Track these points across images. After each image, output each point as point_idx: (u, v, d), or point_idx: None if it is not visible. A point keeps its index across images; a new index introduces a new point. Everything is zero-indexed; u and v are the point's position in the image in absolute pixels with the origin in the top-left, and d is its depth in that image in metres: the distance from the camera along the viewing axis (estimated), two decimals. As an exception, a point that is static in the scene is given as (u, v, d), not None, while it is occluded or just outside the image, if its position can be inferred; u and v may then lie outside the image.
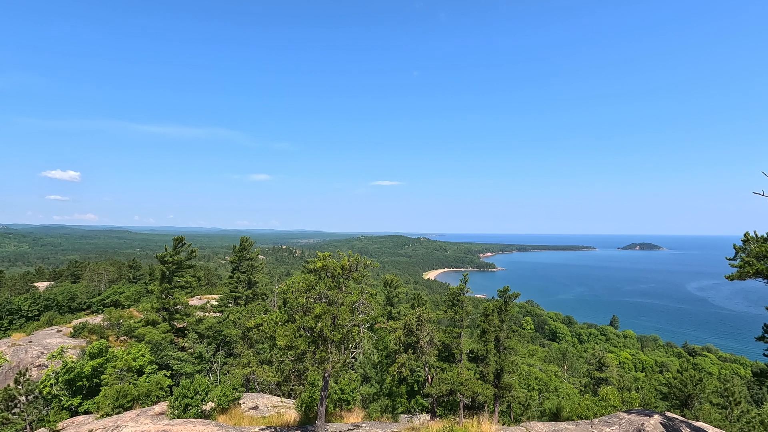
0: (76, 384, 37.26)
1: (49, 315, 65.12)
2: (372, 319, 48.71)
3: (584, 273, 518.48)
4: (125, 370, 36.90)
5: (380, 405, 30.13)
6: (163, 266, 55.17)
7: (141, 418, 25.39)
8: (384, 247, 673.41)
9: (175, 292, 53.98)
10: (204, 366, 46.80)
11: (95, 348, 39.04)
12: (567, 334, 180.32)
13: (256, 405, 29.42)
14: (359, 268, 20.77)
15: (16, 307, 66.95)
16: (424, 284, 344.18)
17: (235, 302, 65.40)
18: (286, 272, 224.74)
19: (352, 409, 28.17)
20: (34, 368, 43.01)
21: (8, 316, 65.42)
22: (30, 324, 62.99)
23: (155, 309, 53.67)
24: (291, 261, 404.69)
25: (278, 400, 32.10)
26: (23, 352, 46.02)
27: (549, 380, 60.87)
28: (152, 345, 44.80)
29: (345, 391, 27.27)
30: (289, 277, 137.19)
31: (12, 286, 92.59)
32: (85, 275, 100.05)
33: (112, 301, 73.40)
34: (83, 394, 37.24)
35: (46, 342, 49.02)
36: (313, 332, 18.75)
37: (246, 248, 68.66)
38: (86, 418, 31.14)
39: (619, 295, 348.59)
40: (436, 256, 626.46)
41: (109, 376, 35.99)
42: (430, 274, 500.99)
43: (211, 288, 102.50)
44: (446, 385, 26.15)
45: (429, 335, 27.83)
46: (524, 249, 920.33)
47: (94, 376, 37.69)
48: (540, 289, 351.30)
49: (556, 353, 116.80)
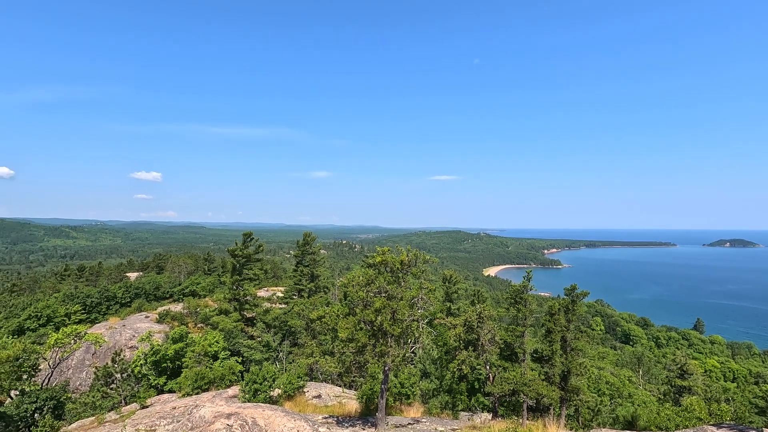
0: (161, 365, 41.03)
1: (138, 302, 72.40)
2: (431, 314, 48.41)
3: (661, 271, 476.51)
4: (202, 355, 39.99)
5: (440, 401, 29.99)
6: (233, 259, 58.97)
7: (216, 400, 27.42)
8: (442, 242, 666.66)
9: (244, 283, 57.48)
10: (271, 354, 49.42)
11: (177, 333, 42.70)
12: (642, 337, 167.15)
13: (319, 394, 30.54)
14: (418, 263, 20.72)
15: (112, 295, 75.16)
16: (484, 281, 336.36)
17: (299, 294, 68.28)
18: (346, 266, 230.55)
19: (412, 404, 28.30)
20: (127, 349, 48.05)
21: (106, 302, 73.59)
22: (123, 310, 70.42)
23: (227, 299, 57.56)
24: (351, 255, 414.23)
25: (340, 391, 33.08)
26: (118, 334, 51.59)
27: (622, 385, 56.87)
28: (225, 332, 48.13)
29: (405, 385, 27.44)
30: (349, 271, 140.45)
31: (108, 276, 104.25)
32: (168, 267, 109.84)
33: (191, 291, 79.85)
34: (167, 375, 40.93)
35: (137, 326, 54.54)
36: (373, 326, 19.04)
37: (308, 243, 71.27)
38: (170, 396, 34.24)
39: (703, 296, 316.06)
40: (496, 252, 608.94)
41: (188, 359, 39.24)
42: (491, 270, 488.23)
43: (277, 280, 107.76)
44: (508, 385, 25.39)
45: (490, 333, 27.16)
46: (593, 245, 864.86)
47: (176, 359, 41.26)
48: (610, 288, 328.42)
49: (629, 357, 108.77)
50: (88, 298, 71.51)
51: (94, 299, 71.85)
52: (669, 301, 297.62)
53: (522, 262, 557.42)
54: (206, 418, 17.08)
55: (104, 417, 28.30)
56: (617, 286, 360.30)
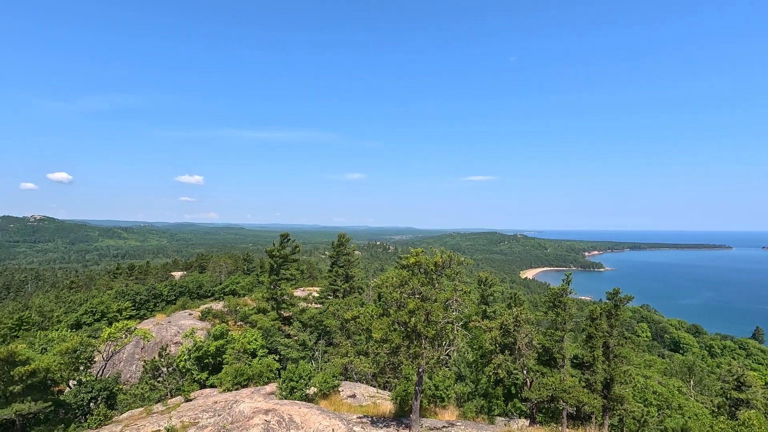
0: (204, 361, 42.79)
1: (182, 300, 75.91)
2: (466, 317, 47.82)
3: (714, 275, 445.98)
4: (242, 352, 41.36)
5: (475, 405, 29.48)
6: (271, 260, 60.61)
7: (255, 396, 28.27)
8: (477, 244, 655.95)
9: (281, 283, 58.95)
10: (307, 353, 50.38)
11: (218, 331, 44.40)
12: (693, 345, 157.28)
13: (353, 393, 30.82)
14: (452, 264, 20.52)
15: (158, 292, 79.17)
16: (521, 283, 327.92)
17: (334, 295, 69.23)
18: (380, 267, 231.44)
19: (447, 407, 28.01)
20: (172, 345, 50.41)
21: (153, 300, 77.62)
22: (169, 307, 74.01)
23: (265, 298, 59.22)
24: (385, 257, 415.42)
25: (374, 391, 33.24)
26: (164, 330, 54.24)
27: (671, 396, 53.77)
28: (263, 331, 49.53)
29: (439, 387, 27.21)
30: (383, 272, 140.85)
31: (155, 275, 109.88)
32: (209, 266, 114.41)
33: (231, 290, 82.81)
34: (209, 370, 42.63)
35: (181, 323, 57.14)
36: (407, 327, 19.02)
37: (343, 244, 72.16)
38: (212, 391, 35.64)
39: (763, 303, 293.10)
40: (534, 254, 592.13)
41: (229, 356, 40.71)
42: (528, 273, 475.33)
43: (313, 281, 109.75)
44: (547, 391, 24.64)
45: (527, 337, 26.46)
46: (638, 247, 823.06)
47: (217, 355, 42.91)
48: (657, 293, 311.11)
49: (679, 366, 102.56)
50: (137, 296, 75.69)
51: (142, 297, 75.98)
52: (723, 308, 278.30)
53: (561, 264, 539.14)
54: (245, 413, 17.63)
55: (152, 408, 29.83)
56: (665, 290, 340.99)
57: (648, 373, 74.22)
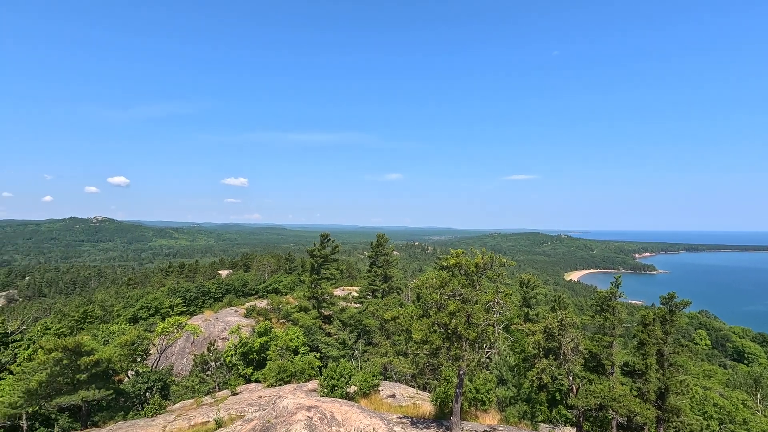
0: (249, 356, 44.41)
1: (228, 298, 79.15)
2: (507, 319, 46.71)
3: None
4: (284, 349, 42.58)
5: (518, 410, 28.73)
6: (312, 259, 61.97)
7: (297, 392, 29.01)
8: (519, 244, 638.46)
9: (322, 282, 60.13)
10: (347, 352, 51.07)
11: (262, 328, 45.93)
12: (760, 355, 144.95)
13: (393, 393, 30.92)
14: (494, 266, 20.12)
15: (206, 290, 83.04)
16: (565, 286, 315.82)
17: (372, 294, 69.74)
18: (419, 268, 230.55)
19: (488, 410, 27.48)
20: (219, 340, 52.71)
21: (202, 297, 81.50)
22: (216, 304, 77.43)
23: (306, 297, 60.63)
24: (423, 257, 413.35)
25: (414, 392, 33.18)
26: (212, 326, 56.81)
27: (734, 410, 49.88)
28: (305, 329, 50.72)
29: (480, 391, 26.75)
30: (422, 273, 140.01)
31: (204, 273, 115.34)
32: (253, 265, 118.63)
33: (273, 289, 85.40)
34: (254, 366, 44.20)
35: (227, 319, 59.62)
36: (448, 329, 18.85)
37: (382, 244, 72.53)
38: (256, 386, 36.93)
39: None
40: (579, 256, 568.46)
41: (272, 352, 42.03)
42: (573, 275, 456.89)
43: (352, 280, 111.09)
44: (595, 399, 23.60)
45: (573, 341, 25.45)
46: (695, 249, 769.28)
47: (261, 351, 44.41)
48: (718, 298, 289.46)
49: (744, 377, 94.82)
50: (188, 293, 79.74)
51: (192, 294, 79.96)
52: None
53: (609, 266, 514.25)
54: (288, 408, 18.15)
55: (202, 400, 31.34)
56: (726, 295, 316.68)
57: (708, 384, 69.24)
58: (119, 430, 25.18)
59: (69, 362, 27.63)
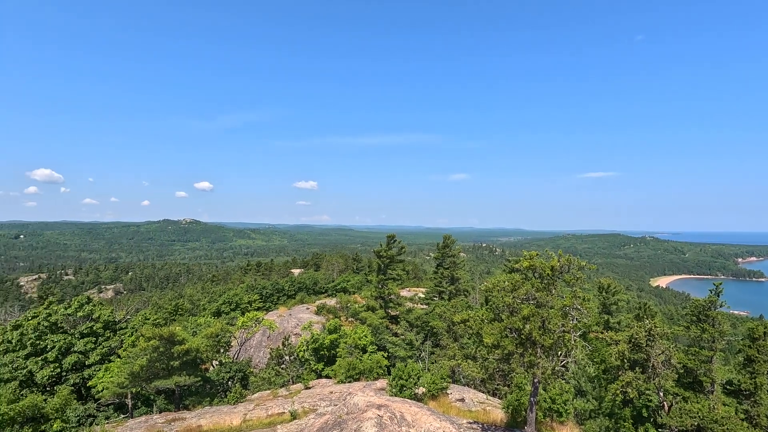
0: (320, 352, 46.10)
1: (301, 295, 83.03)
2: (585, 326, 43.71)
3: None
4: (353, 347, 43.61)
5: (599, 425, 26.74)
6: (379, 260, 62.87)
7: (367, 390, 29.55)
8: (596, 247, 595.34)
9: (388, 283, 60.75)
10: (414, 353, 51.01)
11: (332, 325, 47.47)
12: None
13: (462, 398, 30.29)
14: (571, 269, 18.92)
15: (281, 287, 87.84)
16: (650, 292, 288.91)
17: (439, 296, 69.04)
18: (486, 270, 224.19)
19: (565, 423, 25.87)
20: (293, 335, 55.36)
21: (276, 294, 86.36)
22: (289, 301, 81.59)
23: (373, 297, 61.62)
24: (491, 259, 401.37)
25: (484, 397, 32.24)
26: (286, 322, 59.86)
27: None
28: (372, 328, 51.56)
29: (556, 401, 25.26)
30: (489, 275, 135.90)
31: (278, 271, 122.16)
32: (323, 265, 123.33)
33: (342, 288, 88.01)
34: (324, 361, 45.81)
35: (300, 316, 62.48)
36: (521, 334, 18.06)
37: (448, 245, 71.57)
38: (327, 381, 38.22)
39: None
40: (668, 260, 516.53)
41: (341, 349, 43.25)
42: (660, 280, 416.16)
43: (418, 281, 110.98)
44: (691, 419, 21.24)
45: (664, 354, 23.11)
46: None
47: (331, 348, 45.88)
48: None
49: None
50: (264, 290, 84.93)
51: (268, 291, 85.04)
52: None
53: (704, 272, 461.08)
54: (359, 405, 18.53)
55: (278, 392, 33.13)
56: None
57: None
58: (206, 414, 27.41)
59: (164, 350, 30.65)
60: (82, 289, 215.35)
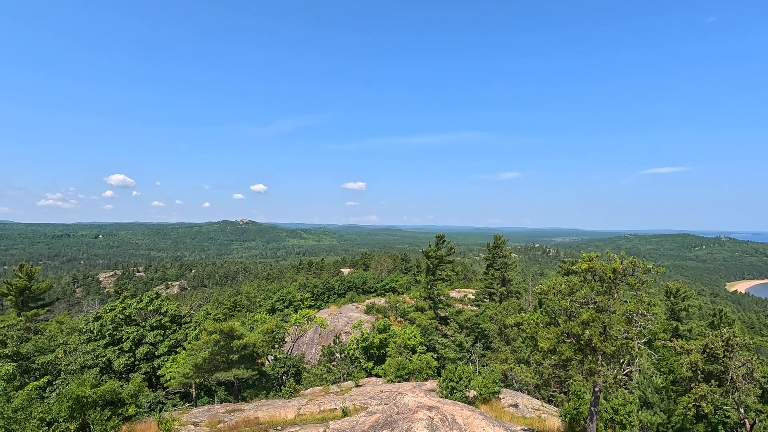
0: (369, 351, 46.57)
1: (350, 294, 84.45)
2: (651, 333, 40.77)
3: None
4: (403, 347, 43.64)
5: (668, 440, 24.82)
6: (427, 260, 62.49)
7: (416, 391, 29.44)
8: (662, 248, 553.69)
9: (438, 283, 60.21)
10: (464, 355, 50.19)
11: (381, 324, 47.80)
12: None
13: (515, 403, 29.34)
14: (636, 272, 17.69)
15: (331, 286, 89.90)
16: (727, 297, 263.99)
17: (490, 298, 67.44)
18: (540, 272, 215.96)
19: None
20: (343, 333, 56.36)
21: (327, 292, 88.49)
22: (339, 299, 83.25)
23: (422, 297, 61.32)
24: (545, 260, 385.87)
25: (539, 404, 31.03)
26: (336, 320, 61.12)
27: None
28: (421, 328, 51.33)
29: (619, 412, 23.75)
30: (543, 277, 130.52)
31: (328, 270, 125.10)
32: (372, 264, 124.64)
33: (391, 287, 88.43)
34: (374, 360, 46.23)
35: (350, 314, 63.53)
36: (580, 340, 17.15)
37: (499, 246, 69.74)
38: (377, 380, 38.54)
39: None
40: (747, 262, 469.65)
41: (391, 349, 43.41)
42: (738, 285, 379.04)
43: (467, 282, 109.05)
44: (779, 440, 19.12)
45: (746, 366, 21.00)
46: None
47: (381, 347, 46.19)
48: None
49: None
50: (315, 288, 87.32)
51: (319, 289, 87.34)
52: None
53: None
54: (410, 406, 18.50)
55: (329, 388, 33.88)
56: None
57: None
58: (263, 406, 28.61)
59: (225, 344, 32.41)
60: (151, 285, 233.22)
